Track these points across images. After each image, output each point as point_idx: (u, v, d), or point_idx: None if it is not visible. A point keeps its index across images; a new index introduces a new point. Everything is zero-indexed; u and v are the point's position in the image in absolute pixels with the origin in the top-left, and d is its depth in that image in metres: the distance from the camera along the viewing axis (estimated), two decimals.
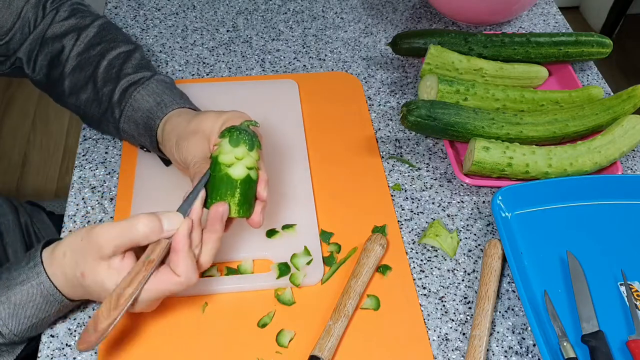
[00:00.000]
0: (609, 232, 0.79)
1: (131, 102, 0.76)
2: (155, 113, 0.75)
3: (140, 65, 0.80)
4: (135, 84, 0.77)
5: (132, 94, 0.76)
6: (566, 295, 0.73)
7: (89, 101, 0.79)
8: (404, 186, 0.85)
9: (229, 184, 0.63)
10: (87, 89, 0.79)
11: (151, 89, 0.77)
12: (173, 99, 0.76)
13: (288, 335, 0.68)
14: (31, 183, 2.01)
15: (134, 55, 0.81)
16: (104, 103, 0.78)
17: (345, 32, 1.09)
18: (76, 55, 0.80)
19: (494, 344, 0.70)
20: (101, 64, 0.79)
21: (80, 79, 0.79)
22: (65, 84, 0.80)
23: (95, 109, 0.79)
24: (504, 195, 0.79)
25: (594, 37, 0.97)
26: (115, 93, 0.77)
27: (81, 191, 0.82)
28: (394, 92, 0.99)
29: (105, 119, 0.79)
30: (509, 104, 0.90)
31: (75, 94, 0.80)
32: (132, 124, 0.77)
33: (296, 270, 0.73)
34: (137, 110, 0.76)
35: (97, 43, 0.81)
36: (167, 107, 0.75)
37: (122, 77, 0.78)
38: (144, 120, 0.75)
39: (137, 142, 0.80)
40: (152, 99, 0.76)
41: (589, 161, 0.82)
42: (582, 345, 0.68)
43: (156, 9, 1.11)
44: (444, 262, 0.77)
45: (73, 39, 0.80)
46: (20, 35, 0.81)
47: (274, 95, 0.95)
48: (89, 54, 0.80)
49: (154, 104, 0.75)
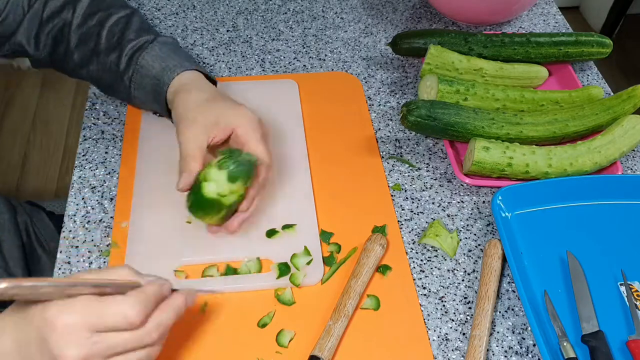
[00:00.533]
0: (609, 232, 0.79)
1: (138, 69, 0.77)
2: (162, 79, 0.75)
3: (141, 29, 0.80)
4: (139, 50, 0.77)
5: (137, 61, 0.77)
6: (566, 295, 0.73)
7: (99, 71, 0.80)
8: (404, 186, 0.85)
9: (215, 206, 0.69)
10: (94, 60, 0.79)
11: (155, 53, 0.77)
12: (179, 62, 0.77)
13: (288, 335, 0.68)
14: (31, 183, 2.01)
15: (132, 19, 0.81)
16: (112, 72, 0.79)
17: (345, 32, 1.09)
18: (76, 28, 0.80)
19: (494, 344, 0.70)
20: (102, 34, 0.79)
21: (86, 52, 0.80)
22: (75, 58, 0.80)
23: (107, 77, 0.80)
24: (504, 195, 0.79)
25: (594, 37, 0.97)
26: (121, 61, 0.78)
27: (81, 191, 0.82)
28: (394, 92, 0.98)
29: (117, 85, 0.80)
30: (509, 104, 0.90)
31: (85, 66, 0.81)
32: (141, 90, 0.78)
33: (296, 270, 0.73)
34: (144, 77, 0.77)
35: (93, 12, 0.80)
36: (172, 71, 0.76)
37: (125, 44, 0.78)
38: (152, 87, 0.76)
39: (150, 108, 0.81)
40: (157, 64, 0.76)
41: (589, 161, 0.82)
42: (582, 345, 0.68)
43: (156, 9, 1.11)
44: (444, 262, 0.77)
45: (69, 12, 0.80)
46: (13, 16, 0.80)
47: (274, 95, 0.95)
48: (88, 25, 0.80)
49: (160, 70, 0.76)
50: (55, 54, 0.82)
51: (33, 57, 0.84)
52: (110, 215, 0.79)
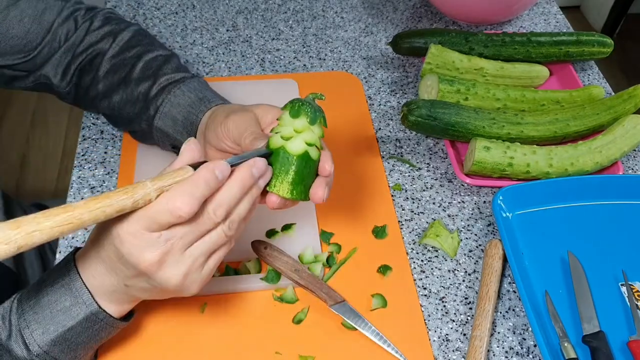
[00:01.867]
0: (610, 232, 0.79)
1: (170, 98, 0.73)
2: (198, 107, 0.72)
3: (179, 68, 0.77)
4: (176, 82, 0.74)
5: (171, 91, 0.74)
6: (567, 295, 0.73)
7: (122, 102, 0.77)
8: (404, 186, 0.85)
9: (284, 159, 0.56)
10: (120, 90, 0.76)
11: (192, 86, 0.74)
12: (216, 95, 0.74)
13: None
14: (30, 183, 2.01)
15: (172, 59, 0.78)
16: (140, 102, 0.75)
17: (345, 31, 1.09)
18: (111, 57, 0.77)
19: (495, 345, 0.70)
20: (137, 65, 0.76)
21: (115, 81, 0.77)
22: (99, 87, 0.77)
23: (130, 109, 0.77)
24: (504, 195, 0.78)
25: (594, 36, 0.97)
26: (152, 90, 0.74)
27: (80, 191, 0.81)
28: (394, 91, 0.98)
29: (138, 117, 0.76)
30: (509, 104, 0.90)
31: (108, 97, 0.77)
32: (168, 120, 0.74)
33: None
34: (175, 106, 0.73)
35: (132, 46, 0.78)
36: (210, 102, 0.72)
37: (160, 75, 0.75)
38: (183, 115, 0.73)
39: (171, 139, 0.75)
40: (193, 94, 0.73)
41: (590, 161, 0.82)
42: (583, 346, 0.68)
43: (156, 8, 1.11)
44: (444, 262, 0.77)
45: (109, 42, 0.78)
46: (48, 50, 0.77)
47: (274, 95, 0.94)
48: (125, 55, 0.77)
49: (196, 99, 0.73)
50: (81, 84, 0.79)
51: (57, 90, 0.80)
52: None
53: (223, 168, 0.52)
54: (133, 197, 0.48)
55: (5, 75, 0.78)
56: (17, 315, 0.57)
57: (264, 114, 0.65)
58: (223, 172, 0.52)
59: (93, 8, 0.82)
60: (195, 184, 0.50)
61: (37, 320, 0.56)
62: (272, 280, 0.71)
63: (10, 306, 0.58)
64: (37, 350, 0.56)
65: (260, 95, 0.93)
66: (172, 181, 0.50)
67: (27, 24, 0.75)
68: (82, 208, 0.46)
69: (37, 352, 0.56)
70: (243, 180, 0.54)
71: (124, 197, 0.48)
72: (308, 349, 0.67)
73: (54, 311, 0.56)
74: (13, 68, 0.77)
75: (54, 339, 0.56)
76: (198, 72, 0.99)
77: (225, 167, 0.52)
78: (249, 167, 0.54)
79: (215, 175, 0.51)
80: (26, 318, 0.56)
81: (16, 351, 0.56)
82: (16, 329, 0.56)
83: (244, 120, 0.63)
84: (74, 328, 0.56)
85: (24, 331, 0.56)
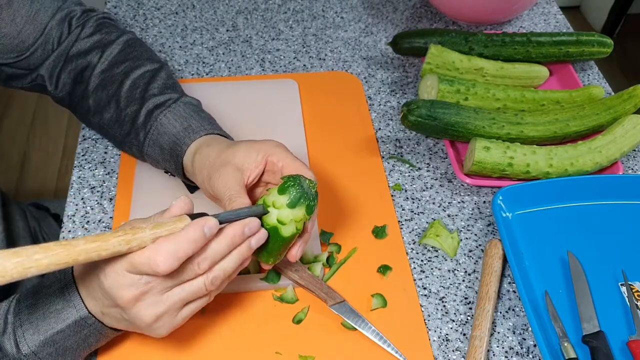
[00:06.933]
0: (610, 232, 0.79)
1: (157, 126, 0.73)
2: (182, 139, 0.71)
3: (166, 86, 0.76)
4: (161, 106, 0.73)
5: (157, 117, 0.73)
6: (567, 295, 0.73)
7: (111, 121, 0.76)
8: (404, 186, 0.85)
9: (277, 241, 0.61)
10: (110, 108, 0.76)
11: (178, 112, 0.73)
12: (201, 124, 0.72)
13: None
14: (30, 183, 2.01)
15: (159, 74, 0.77)
16: (127, 124, 0.75)
17: (345, 31, 1.09)
18: (100, 72, 0.77)
19: (495, 345, 0.70)
20: (124, 84, 0.75)
21: (103, 97, 0.76)
22: (90, 102, 0.77)
23: (117, 130, 0.76)
24: (504, 195, 0.78)
25: (594, 36, 0.97)
26: (140, 115, 0.74)
27: (80, 191, 0.81)
28: (394, 91, 0.98)
29: (129, 141, 0.76)
30: (509, 104, 0.90)
31: (99, 113, 0.77)
32: (157, 148, 0.73)
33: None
34: (162, 135, 0.72)
35: (121, 61, 0.77)
36: (194, 132, 0.71)
37: (147, 98, 0.74)
38: (169, 145, 0.72)
39: (161, 166, 0.76)
40: (178, 123, 0.72)
41: (589, 161, 0.82)
42: (583, 346, 0.68)
43: (156, 9, 1.11)
44: (444, 262, 0.77)
45: (97, 55, 0.77)
46: (42, 52, 0.78)
47: (274, 95, 0.94)
48: (112, 72, 0.77)
49: (181, 129, 0.72)
50: (74, 95, 0.79)
51: (52, 94, 0.81)
52: (109, 215, 0.79)
53: (212, 225, 0.54)
54: (129, 244, 0.51)
55: (3, 72, 0.79)
56: (13, 314, 0.58)
57: (244, 160, 0.65)
58: (212, 230, 0.54)
59: (89, 10, 0.82)
60: (181, 242, 0.52)
61: (30, 320, 0.58)
62: (272, 280, 0.71)
63: (8, 305, 0.59)
64: (25, 350, 0.57)
65: (260, 95, 0.94)
66: (167, 233, 0.53)
67: (20, 24, 0.75)
68: (81, 247, 0.48)
69: (25, 352, 0.57)
70: (233, 237, 0.56)
71: (122, 242, 0.51)
72: (308, 349, 0.67)
73: (47, 313, 0.58)
74: (10, 66, 0.78)
75: (43, 340, 0.57)
76: (198, 72, 0.99)
77: (215, 225, 0.54)
78: (242, 226, 0.57)
79: (204, 233, 0.53)
80: (21, 317, 0.58)
81: (7, 349, 0.57)
82: (11, 327, 0.58)
83: (222, 182, 0.64)
84: (63, 331, 0.58)
85: (17, 330, 0.57)
